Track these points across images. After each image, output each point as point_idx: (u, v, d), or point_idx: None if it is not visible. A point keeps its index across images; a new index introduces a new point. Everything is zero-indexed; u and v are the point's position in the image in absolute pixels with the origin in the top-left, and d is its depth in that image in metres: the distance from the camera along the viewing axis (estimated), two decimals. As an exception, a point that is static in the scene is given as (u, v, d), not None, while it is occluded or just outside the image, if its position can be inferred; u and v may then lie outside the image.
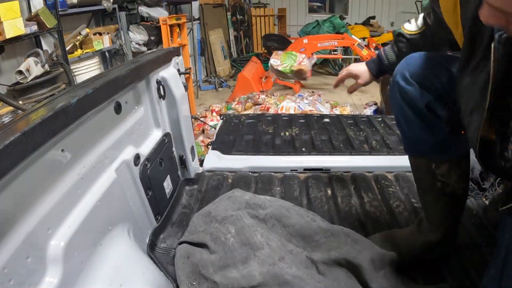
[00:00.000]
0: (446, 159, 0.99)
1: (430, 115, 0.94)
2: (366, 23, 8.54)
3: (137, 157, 1.15)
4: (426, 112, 0.94)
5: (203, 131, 3.71)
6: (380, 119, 2.30)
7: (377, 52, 1.27)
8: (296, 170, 1.73)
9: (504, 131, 0.69)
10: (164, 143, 1.39)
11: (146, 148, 1.25)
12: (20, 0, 2.59)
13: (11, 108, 2.33)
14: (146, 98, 1.30)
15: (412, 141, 1.04)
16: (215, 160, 1.79)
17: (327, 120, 2.28)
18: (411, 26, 1.15)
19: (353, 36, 5.57)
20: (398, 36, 1.17)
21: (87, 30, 3.37)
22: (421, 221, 1.12)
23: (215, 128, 2.29)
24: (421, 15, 1.14)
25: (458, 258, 1.13)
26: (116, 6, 3.76)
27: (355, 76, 1.27)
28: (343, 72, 1.29)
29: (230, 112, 4.48)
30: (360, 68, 1.25)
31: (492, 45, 0.65)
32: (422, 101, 0.94)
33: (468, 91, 0.77)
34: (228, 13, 7.38)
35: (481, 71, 0.71)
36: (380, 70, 1.23)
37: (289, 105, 4.24)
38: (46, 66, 2.69)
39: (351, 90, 1.31)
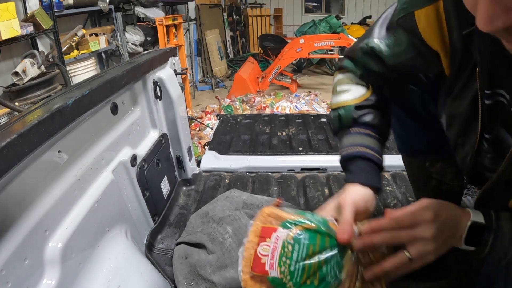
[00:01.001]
0: (439, 158, 0.99)
1: (421, 114, 0.94)
2: (363, 22, 8.57)
3: (134, 158, 1.15)
4: (418, 111, 0.94)
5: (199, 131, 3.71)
6: (376, 118, 2.30)
7: (356, 153, 0.78)
8: (293, 170, 1.73)
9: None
10: (161, 144, 1.39)
11: (143, 149, 1.25)
12: (16, 1, 2.58)
13: (7, 109, 2.33)
14: (143, 98, 1.30)
15: (405, 141, 1.03)
16: (212, 161, 1.79)
17: (324, 119, 2.28)
18: (355, 93, 0.80)
19: (349, 36, 5.59)
20: (360, 118, 0.80)
21: (83, 31, 3.36)
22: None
23: (211, 128, 2.29)
24: (350, 76, 0.83)
25: (455, 256, 1.14)
26: (112, 6, 3.75)
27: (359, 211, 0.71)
28: (343, 219, 0.66)
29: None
30: (357, 197, 0.72)
31: (477, 70, 0.59)
32: (412, 98, 0.93)
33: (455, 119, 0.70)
34: (225, 13, 7.39)
35: (466, 96, 0.64)
36: (379, 175, 0.79)
37: (285, 105, 4.26)
38: (42, 67, 2.68)
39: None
